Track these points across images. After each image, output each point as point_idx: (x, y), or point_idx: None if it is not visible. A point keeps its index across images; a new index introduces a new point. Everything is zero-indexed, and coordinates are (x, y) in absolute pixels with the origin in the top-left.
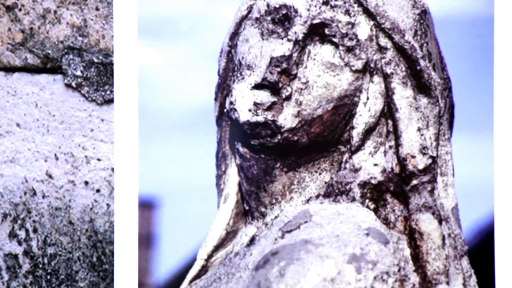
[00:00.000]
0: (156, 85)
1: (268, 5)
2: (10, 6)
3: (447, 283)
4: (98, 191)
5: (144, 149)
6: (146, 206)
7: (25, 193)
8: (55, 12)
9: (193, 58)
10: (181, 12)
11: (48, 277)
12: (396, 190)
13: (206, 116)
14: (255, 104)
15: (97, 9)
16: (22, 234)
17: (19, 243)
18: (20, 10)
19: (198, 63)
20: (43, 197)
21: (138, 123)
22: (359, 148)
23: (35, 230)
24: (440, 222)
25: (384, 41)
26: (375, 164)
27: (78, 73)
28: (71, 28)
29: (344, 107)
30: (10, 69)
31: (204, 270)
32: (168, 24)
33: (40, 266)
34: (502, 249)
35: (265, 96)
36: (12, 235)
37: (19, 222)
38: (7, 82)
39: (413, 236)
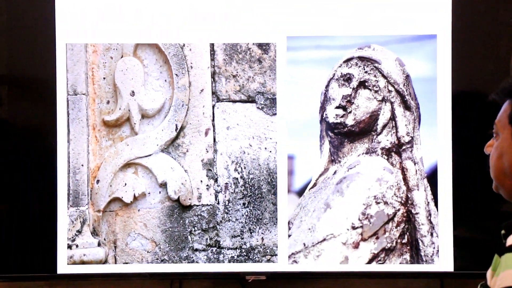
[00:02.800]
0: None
1: (341, 73)
2: (235, 75)
3: (418, 189)
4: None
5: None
6: (290, 158)
7: (240, 153)
8: (252, 77)
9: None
10: None
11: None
12: (396, 150)
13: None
14: (336, 115)
15: (270, 75)
16: (239, 169)
17: (238, 173)
18: (238, 76)
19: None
20: (248, 154)
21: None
22: (380, 133)
23: (244, 168)
24: (414, 164)
25: (390, 88)
26: (387, 140)
27: (262, 102)
28: (259, 84)
29: (374, 116)
30: (234, 101)
31: (314, 185)
32: None
33: (247, 183)
34: (441, 175)
35: (340, 112)
36: (235, 169)
37: (238, 164)
38: (233, 107)
39: (403, 170)
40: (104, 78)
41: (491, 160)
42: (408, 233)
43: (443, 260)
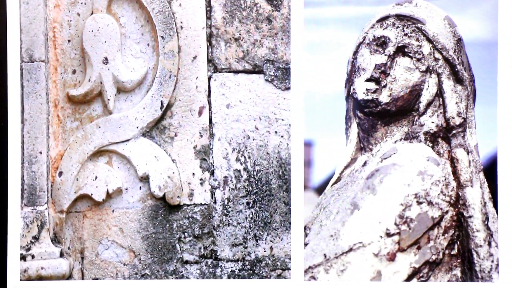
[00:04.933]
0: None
1: (373, 35)
2: (237, 38)
3: (471, 186)
4: (282, 136)
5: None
6: (307, 145)
7: (243, 138)
8: (260, 41)
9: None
10: None
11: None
12: (444, 136)
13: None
14: (366, 89)
15: (282, 39)
16: (242, 159)
17: (241, 164)
18: (241, 39)
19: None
20: (253, 139)
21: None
22: (423, 113)
23: (249, 157)
24: (467, 153)
25: (437, 55)
26: (432, 122)
27: (272, 73)
28: (268, 50)
29: (415, 91)
30: (236, 71)
31: (338, 179)
32: None
33: (252, 177)
34: (502, 167)
35: (372, 85)
36: (237, 159)
37: (240, 152)
38: (234, 79)
39: (453, 161)
40: (69, 41)
41: None
42: (458, 242)
43: (504, 277)
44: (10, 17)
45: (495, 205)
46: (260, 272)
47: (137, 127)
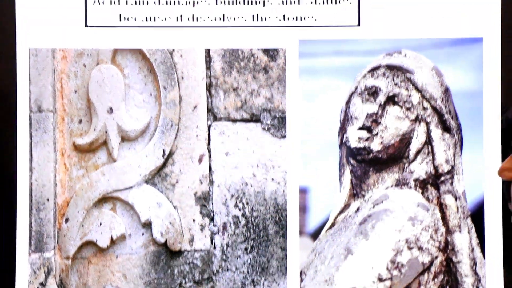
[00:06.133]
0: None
1: (365, 85)
2: (235, 88)
3: (460, 231)
4: (279, 183)
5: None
6: (302, 191)
7: (241, 184)
8: (257, 90)
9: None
10: None
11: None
12: (433, 182)
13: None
14: (359, 137)
15: (278, 88)
16: (240, 205)
17: (239, 210)
18: (239, 89)
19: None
20: (251, 186)
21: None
22: (413, 160)
23: (247, 203)
24: (456, 199)
25: (426, 104)
26: (422, 169)
27: (268, 122)
28: (265, 99)
29: (405, 139)
30: (234, 120)
31: (333, 224)
32: None
33: (250, 223)
34: (489, 213)
35: (364, 134)
36: (235, 205)
37: (239, 198)
38: (233, 127)
39: (442, 207)
40: (75, 92)
41: None
42: (448, 287)
43: None
44: (20, 69)
45: (482, 251)
46: None
47: (140, 175)
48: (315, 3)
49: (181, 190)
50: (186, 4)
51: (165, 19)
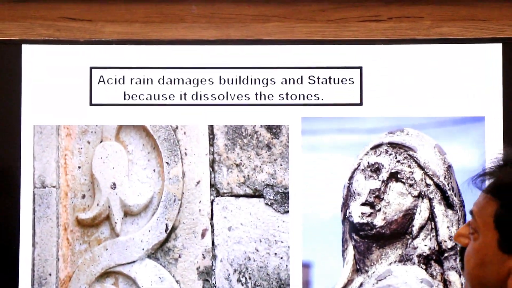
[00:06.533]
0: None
1: (368, 162)
2: (238, 164)
3: None
4: (281, 258)
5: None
6: (305, 266)
7: (244, 259)
8: (260, 166)
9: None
10: None
11: None
12: (437, 258)
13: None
14: (362, 213)
15: (281, 164)
16: (243, 280)
17: (242, 285)
18: (243, 165)
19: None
20: (254, 261)
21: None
22: (416, 236)
23: (249, 278)
24: (459, 275)
25: (428, 181)
26: (425, 245)
27: (271, 197)
28: (268, 175)
29: (408, 215)
30: (237, 195)
31: None
32: None
33: None
34: None
35: (367, 209)
36: (238, 280)
37: (242, 273)
38: (236, 202)
39: (445, 283)
40: (79, 167)
41: (467, 264)
42: None
43: None
44: (24, 145)
45: None
46: None
47: (143, 249)
48: (318, 82)
49: (184, 265)
50: (189, 82)
51: (169, 97)
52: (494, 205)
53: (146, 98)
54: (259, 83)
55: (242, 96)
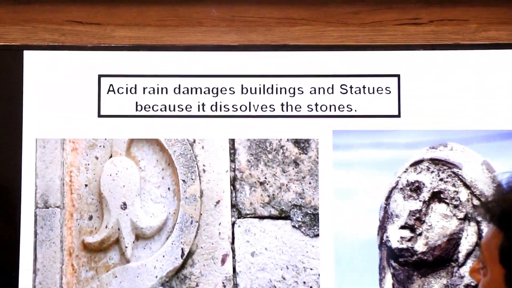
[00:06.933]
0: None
1: (407, 180)
2: (263, 182)
3: None
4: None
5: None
6: None
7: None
8: (286, 185)
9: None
10: None
11: None
12: None
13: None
14: (401, 237)
15: (310, 183)
16: None
17: None
18: (267, 183)
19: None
20: None
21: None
22: (463, 264)
23: None
24: None
25: (476, 202)
26: None
27: (299, 219)
28: (295, 194)
29: (454, 240)
30: (261, 217)
31: None
32: None
33: None
34: None
35: (406, 233)
36: None
37: None
38: (260, 225)
39: None
40: (86, 186)
41: None
42: None
43: None
44: (26, 161)
45: None
46: None
47: (156, 277)
48: (351, 91)
49: None
50: (208, 92)
51: (186, 108)
52: (499, 237)
53: (160, 109)
54: (285, 93)
55: (266, 107)
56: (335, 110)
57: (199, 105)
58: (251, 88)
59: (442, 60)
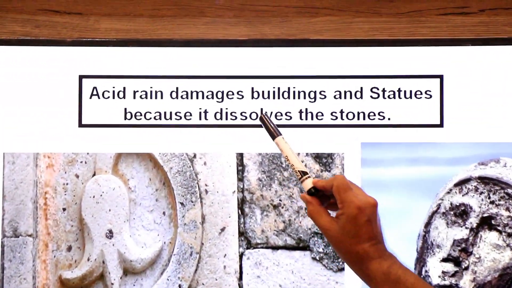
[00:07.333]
0: None
1: (451, 203)
2: (277, 205)
3: None
4: None
5: None
6: None
7: None
8: (305, 209)
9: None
10: None
11: None
12: None
13: None
14: (443, 272)
15: None
16: None
17: None
18: (282, 207)
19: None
20: None
21: None
22: None
23: None
24: None
25: None
26: None
27: (321, 249)
28: None
29: (507, 275)
30: (275, 247)
31: None
32: None
33: None
34: None
35: (449, 267)
36: None
37: None
38: (273, 257)
39: None
40: (64, 210)
41: None
42: None
43: None
44: None
45: None
46: None
47: None
48: (383, 95)
49: None
50: (212, 96)
51: (185, 116)
52: None
53: (154, 118)
54: (305, 97)
55: (281, 115)
56: (364, 119)
57: (200, 112)
58: (263, 91)
59: (495, 58)
